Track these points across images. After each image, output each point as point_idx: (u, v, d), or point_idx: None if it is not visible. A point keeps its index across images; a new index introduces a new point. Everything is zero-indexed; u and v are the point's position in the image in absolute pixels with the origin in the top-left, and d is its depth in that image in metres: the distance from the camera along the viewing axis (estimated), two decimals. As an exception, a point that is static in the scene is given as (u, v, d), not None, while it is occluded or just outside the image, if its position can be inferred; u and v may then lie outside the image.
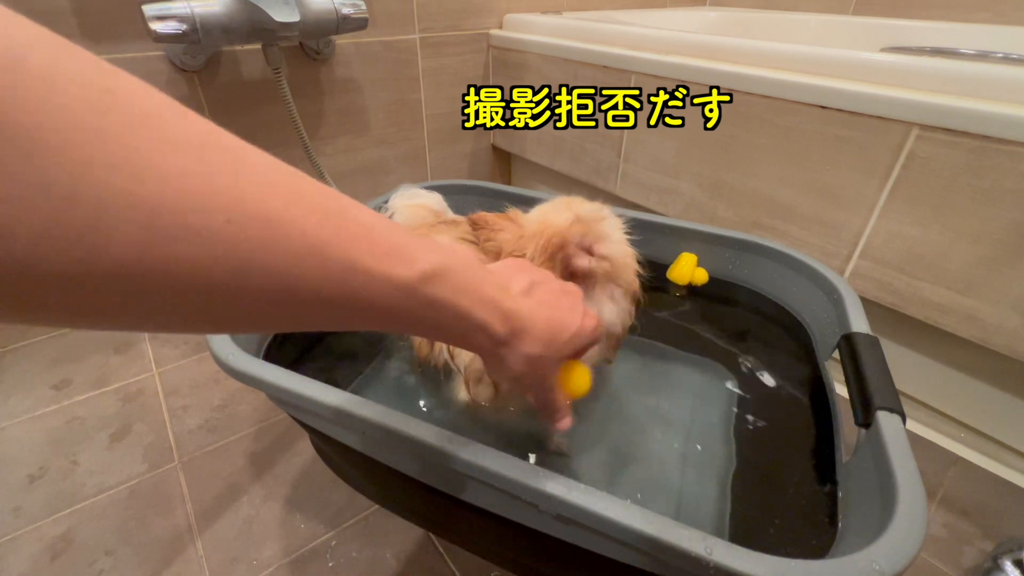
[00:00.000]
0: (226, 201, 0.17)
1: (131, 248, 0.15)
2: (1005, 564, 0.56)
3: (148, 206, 0.15)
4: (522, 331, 0.29)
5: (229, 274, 0.17)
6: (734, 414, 0.54)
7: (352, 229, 0.21)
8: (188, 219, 0.16)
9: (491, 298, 0.27)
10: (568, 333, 0.32)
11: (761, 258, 0.64)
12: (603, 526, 0.31)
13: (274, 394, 0.43)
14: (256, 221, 0.18)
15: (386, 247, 0.22)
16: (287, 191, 0.19)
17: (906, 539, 0.29)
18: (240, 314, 0.19)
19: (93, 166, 0.14)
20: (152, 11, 0.70)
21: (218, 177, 0.17)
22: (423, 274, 0.23)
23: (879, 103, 0.64)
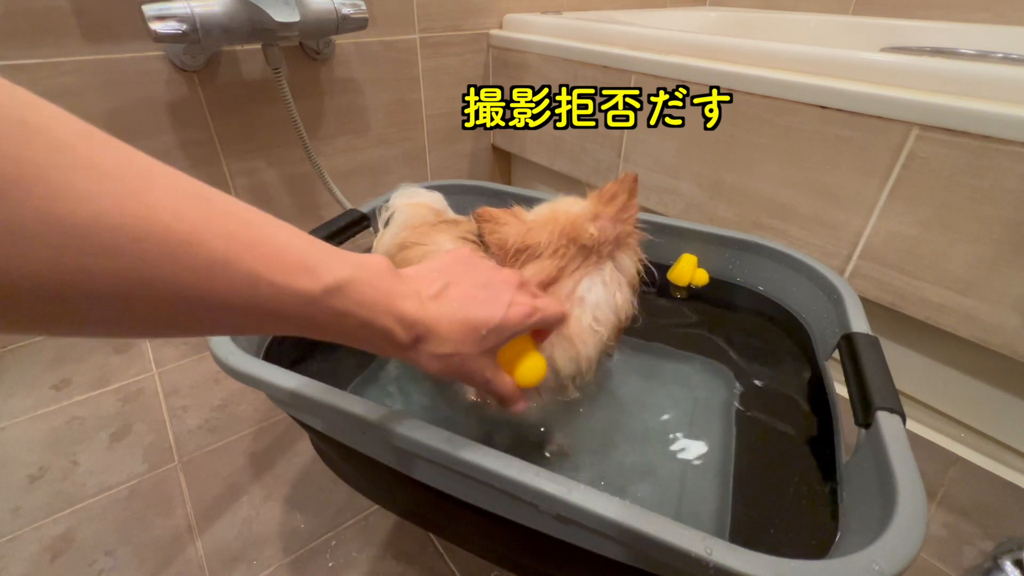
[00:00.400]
0: (135, 221, 0.19)
1: (44, 261, 0.17)
2: (1005, 564, 0.56)
3: (62, 225, 0.17)
4: (427, 335, 0.31)
5: (139, 286, 0.19)
6: (734, 414, 0.54)
7: (262, 246, 0.23)
8: (100, 237, 0.18)
9: (393, 308, 0.29)
10: (486, 327, 0.33)
11: (761, 258, 0.64)
12: (603, 526, 0.31)
13: (274, 394, 0.43)
14: (163, 239, 0.20)
15: (295, 262, 0.24)
16: (196, 212, 0.21)
17: (906, 539, 0.29)
18: (154, 320, 0.21)
19: (10, 190, 0.16)
20: (152, 11, 0.70)
21: (130, 199, 0.19)
22: (327, 287, 0.26)
23: (879, 103, 0.64)
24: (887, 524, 0.30)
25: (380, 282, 0.29)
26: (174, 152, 0.90)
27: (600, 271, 0.46)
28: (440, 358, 0.32)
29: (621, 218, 0.45)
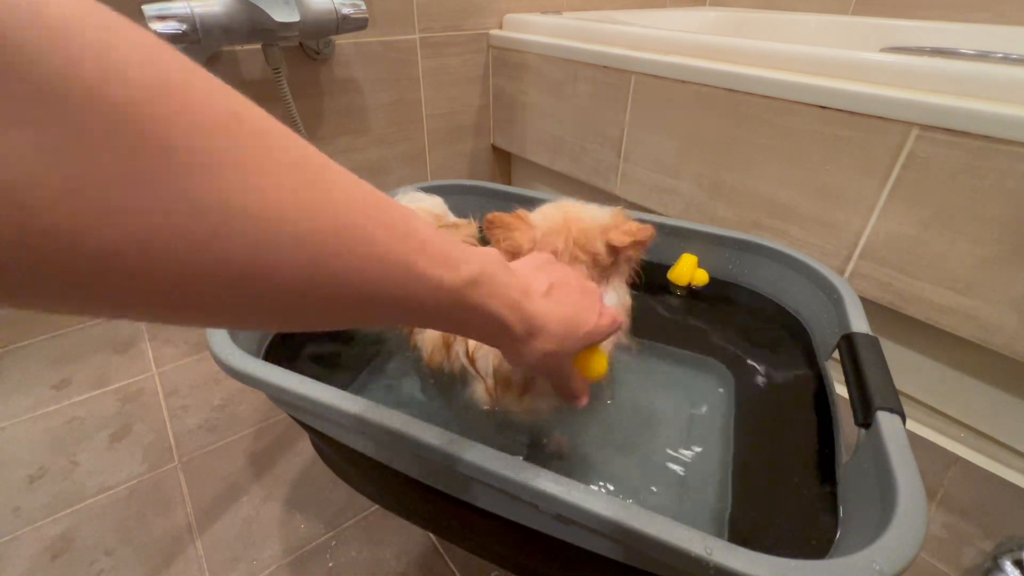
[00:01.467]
0: (317, 213, 0.19)
1: (244, 253, 0.17)
2: (1005, 564, 0.56)
3: (260, 217, 0.17)
4: (539, 330, 0.32)
5: (313, 279, 0.19)
6: (734, 414, 0.54)
7: (412, 237, 0.23)
8: (288, 228, 0.18)
9: (515, 301, 0.30)
10: (583, 331, 0.35)
11: (761, 258, 0.64)
12: (603, 526, 0.31)
13: (274, 394, 0.43)
14: (344, 232, 0.20)
15: (437, 253, 0.24)
16: (364, 204, 0.21)
17: (906, 539, 0.29)
18: (316, 313, 0.21)
19: (221, 181, 0.16)
20: (152, 11, 0.70)
21: (318, 190, 0.19)
22: (467, 279, 0.26)
23: (879, 103, 0.64)
24: (887, 524, 0.30)
25: (504, 276, 0.29)
26: (174, 152, 0.89)
27: (611, 286, 0.48)
28: (545, 355, 0.33)
29: (621, 252, 0.47)
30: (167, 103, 0.15)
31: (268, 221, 0.17)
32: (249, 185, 0.17)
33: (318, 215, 0.19)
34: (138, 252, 0.15)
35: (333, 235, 0.19)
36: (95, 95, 0.13)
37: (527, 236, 0.48)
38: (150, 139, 0.14)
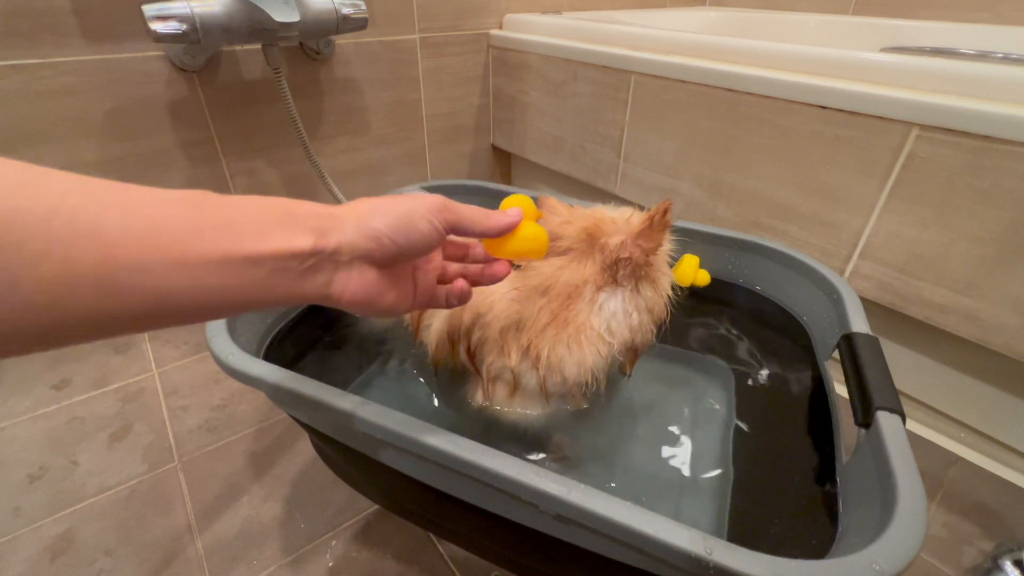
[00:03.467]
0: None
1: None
2: (1005, 564, 0.56)
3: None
4: (336, 223, 0.28)
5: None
6: (734, 414, 0.54)
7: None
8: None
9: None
10: (406, 201, 0.30)
11: (761, 258, 0.64)
12: (603, 526, 0.31)
13: (274, 394, 0.43)
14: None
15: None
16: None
17: (906, 539, 0.29)
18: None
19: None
20: (152, 11, 0.70)
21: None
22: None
23: (879, 103, 0.64)
24: (887, 524, 0.30)
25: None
26: (174, 152, 0.90)
27: (622, 290, 0.46)
28: (372, 237, 0.29)
29: (639, 243, 0.44)
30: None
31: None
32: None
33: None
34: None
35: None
36: None
37: (558, 221, 0.48)
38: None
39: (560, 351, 0.45)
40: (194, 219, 0.23)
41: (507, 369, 0.47)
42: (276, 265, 0.25)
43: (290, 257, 0.26)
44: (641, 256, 0.44)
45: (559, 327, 0.45)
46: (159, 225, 0.22)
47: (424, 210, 0.31)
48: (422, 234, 0.30)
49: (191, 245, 0.23)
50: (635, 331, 0.46)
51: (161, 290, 0.22)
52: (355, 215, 0.29)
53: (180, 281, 0.22)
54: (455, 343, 0.50)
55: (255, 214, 0.25)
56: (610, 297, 0.46)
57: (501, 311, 0.48)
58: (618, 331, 0.46)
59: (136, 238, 0.21)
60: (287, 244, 0.26)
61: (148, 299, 0.22)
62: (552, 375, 0.46)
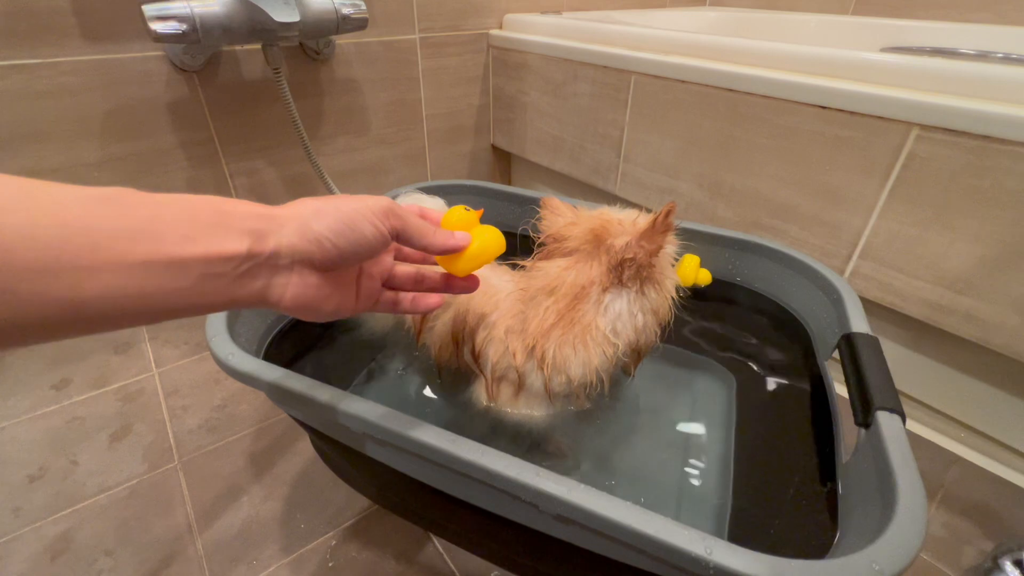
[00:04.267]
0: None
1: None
2: (1005, 564, 0.56)
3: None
4: (275, 225, 0.26)
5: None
6: (734, 414, 0.54)
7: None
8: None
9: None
10: (351, 203, 0.29)
11: (761, 258, 0.64)
12: (603, 526, 0.31)
13: (274, 394, 0.43)
14: None
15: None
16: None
17: (906, 539, 0.29)
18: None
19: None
20: (152, 11, 0.70)
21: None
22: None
23: (879, 103, 0.64)
24: (887, 524, 0.30)
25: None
26: (174, 152, 0.90)
27: (627, 291, 0.46)
28: (314, 240, 0.27)
29: (642, 244, 0.44)
30: None
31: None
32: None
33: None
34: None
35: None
36: None
37: (562, 222, 0.48)
38: None
39: (566, 351, 0.45)
40: (112, 219, 0.22)
41: (512, 369, 0.47)
42: (206, 270, 0.24)
43: (222, 261, 0.24)
44: (644, 257, 0.44)
45: (566, 327, 0.45)
46: (70, 226, 0.20)
47: (369, 213, 0.29)
48: (366, 238, 0.29)
49: (107, 249, 0.21)
50: (640, 332, 0.46)
51: (71, 298, 0.20)
52: (296, 217, 0.27)
53: (93, 288, 0.21)
54: (459, 344, 0.50)
55: (182, 215, 0.24)
56: (616, 298, 0.46)
57: (506, 311, 0.48)
58: (623, 332, 0.46)
59: (40, 241, 0.19)
60: (218, 248, 0.24)
61: (54, 308, 0.20)
62: (557, 375, 0.46)
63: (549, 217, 0.50)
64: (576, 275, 0.46)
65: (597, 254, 0.46)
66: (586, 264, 0.46)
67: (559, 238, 0.48)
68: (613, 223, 0.46)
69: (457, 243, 0.34)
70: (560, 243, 0.48)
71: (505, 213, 0.76)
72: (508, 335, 0.47)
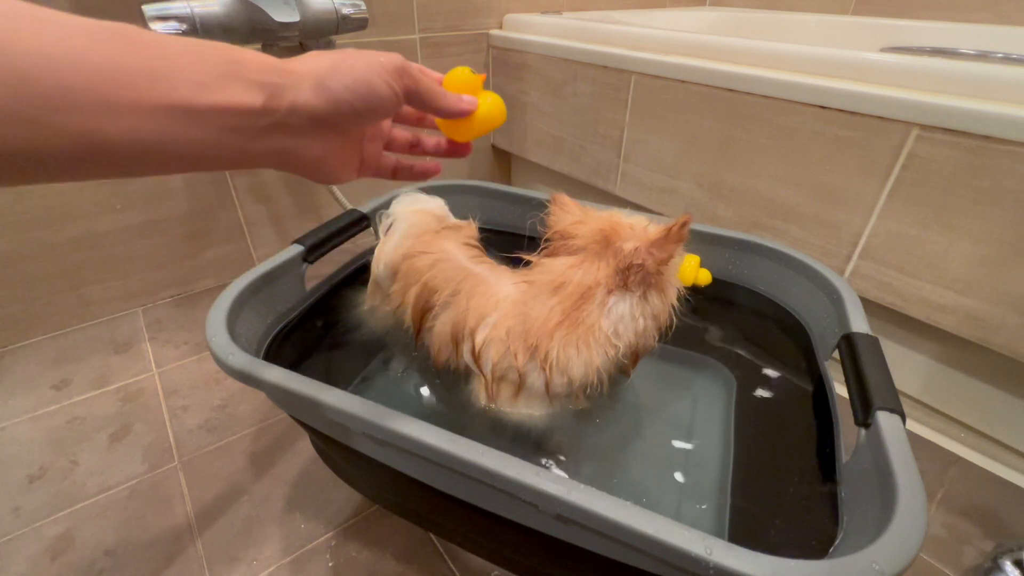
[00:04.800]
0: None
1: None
2: (1005, 564, 0.56)
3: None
4: (291, 80, 0.25)
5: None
6: (734, 414, 0.54)
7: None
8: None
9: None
10: (364, 59, 0.27)
11: (761, 258, 0.64)
12: (603, 526, 0.31)
13: (274, 394, 0.43)
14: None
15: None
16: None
17: (906, 539, 0.29)
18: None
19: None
20: (152, 11, 0.70)
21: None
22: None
23: (879, 103, 0.64)
24: (887, 524, 0.30)
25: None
26: (174, 152, 0.89)
27: (631, 295, 0.46)
28: (332, 101, 0.26)
29: (652, 252, 0.44)
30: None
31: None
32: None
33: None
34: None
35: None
36: None
37: (570, 219, 0.48)
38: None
39: (569, 352, 0.45)
40: (126, 58, 0.20)
41: (512, 369, 0.47)
42: (222, 122, 0.23)
43: (238, 114, 0.23)
44: (653, 264, 0.44)
45: (570, 327, 0.45)
46: (87, 60, 0.19)
47: (383, 71, 0.27)
48: (381, 99, 0.27)
49: (127, 88, 0.20)
50: (640, 336, 0.47)
51: (94, 134, 0.19)
52: (311, 73, 0.26)
53: (116, 128, 0.20)
54: (459, 344, 0.50)
55: (195, 60, 0.22)
56: (619, 301, 0.46)
57: (507, 312, 0.48)
58: (624, 335, 0.46)
59: (62, 73, 0.18)
60: (233, 98, 0.23)
61: (80, 143, 0.19)
62: (559, 376, 0.46)
63: (558, 213, 0.50)
64: (583, 274, 0.46)
65: (604, 256, 0.46)
66: (593, 264, 0.46)
67: (566, 236, 0.48)
68: (623, 226, 0.46)
69: (467, 107, 0.32)
70: (567, 241, 0.48)
71: (505, 213, 0.76)
72: (509, 335, 0.47)
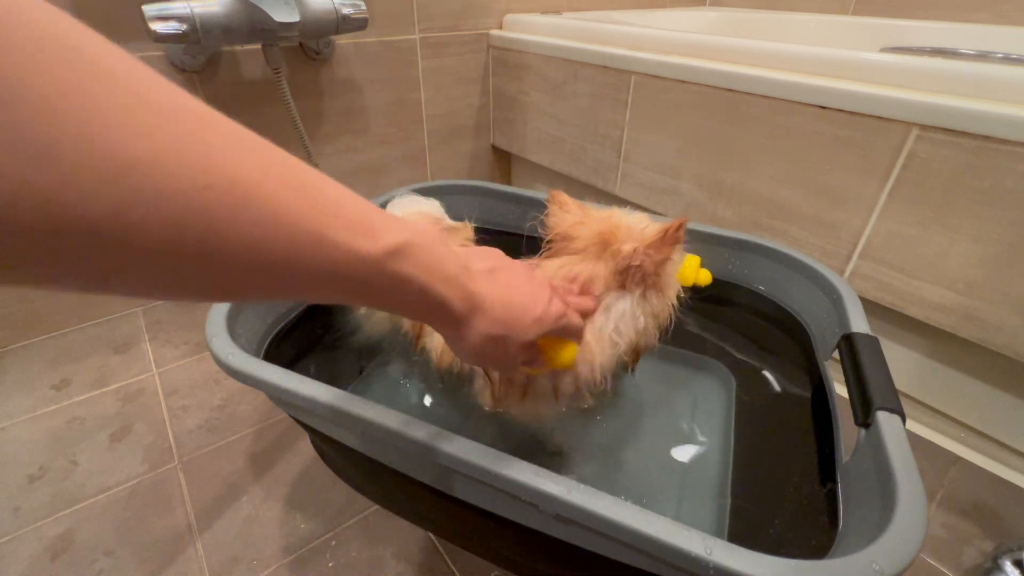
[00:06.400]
0: (199, 165, 0.17)
1: (105, 206, 0.15)
2: (1005, 564, 0.56)
3: (120, 165, 0.15)
4: (480, 309, 0.30)
5: (199, 240, 0.17)
6: (734, 414, 0.54)
7: (322, 201, 0.22)
8: (162, 181, 0.16)
9: (453, 276, 0.28)
10: (531, 316, 0.33)
11: (761, 258, 0.64)
12: (603, 526, 0.31)
13: (274, 394, 0.43)
14: (228, 188, 0.18)
15: (354, 220, 0.23)
16: (259, 161, 0.19)
17: (906, 539, 0.29)
18: (209, 281, 0.19)
19: (65, 120, 0.14)
20: (152, 11, 0.70)
21: (191, 139, 0.17)
22: (388, 249, 0.24)
23: (879, 103, 0.64)
24: (887, 524, 0.30)
25: (438, 249, 0.28)
26: (174, 152, 0.89)
27: (631, 294, 0.46)
28: (489, 338, 0.31)
29: (649, 253, 0.44)
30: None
31: (125, 169, 0.15)
32: (100, 128, 0.15)
33: (185, 165, 0.17)
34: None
35: (207, 189, 0.17)
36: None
37: (571, 220, 0.48)
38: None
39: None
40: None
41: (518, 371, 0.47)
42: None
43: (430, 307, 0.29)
44: (651, 265, 0.44)
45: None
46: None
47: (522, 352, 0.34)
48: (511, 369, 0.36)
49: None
50: (640, 334, 0.47)
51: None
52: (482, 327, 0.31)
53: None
54: None
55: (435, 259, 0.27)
56: (619, 299, 0.46)
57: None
58: (625, 332, 0.46)
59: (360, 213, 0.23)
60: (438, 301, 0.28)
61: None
62: (563, 374, 0.46)
63: (556, 212, 0.50)
64: (574, 271, 0.46)
65: (603, 257, 0.46)
66: (591, 264, 0.46)
67: (566, 237, 0.48)
68: (621, 228, 0.46)
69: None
70: (567, 242, 0.48)
71: (505, 213, 0.76)
72: None
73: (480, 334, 0.31)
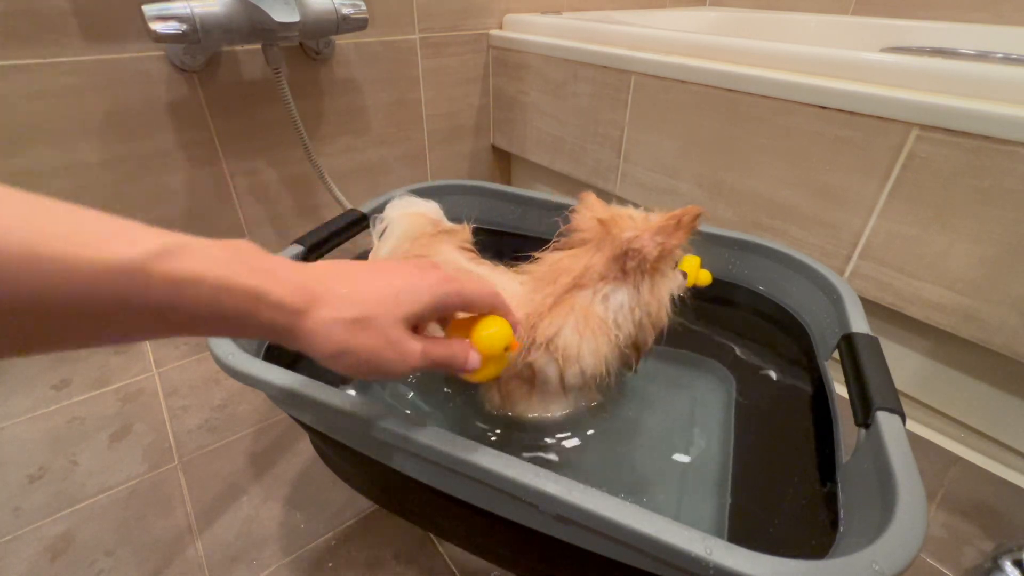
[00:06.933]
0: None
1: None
2: (1005, 564, 0.56)
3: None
4: (322, 298, 0.26)
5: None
6: (734, 414, 0.54)
7: (64, 224, 0.19)
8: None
9: (268, 268, 0.24)
10: (394, 288, 0.28)
11: (761, 258, 0.64)
12: (603, 526, 0.31)
13: (274, 394, 0.43)
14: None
15: (107, 232, 0.20)
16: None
17: (906, 539, 0.29)
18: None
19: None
20: (152, 11, 0.70)
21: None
22: (153, 251, 0.20)
23: (879, 103, 0.64)
24: (887, 524, 0.30)
25: (238, 244, 0.24)
26: (174, 152, 0.90)
27: (626, 286, 0.46)
28: (347, 324, 0.26)
29: (657, 239, 0.44)
30: None
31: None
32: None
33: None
34: None
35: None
36: None
37: (587, 216, 0.48)
38: None
39: (566, 334, 0.45)
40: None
41: (525, 365, 0.47)
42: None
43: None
44: (652, 250, 0.44)
45: (565, 313, 0.45)
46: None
47: (397, 353, 0.28)
48: (390, 373, 0.29)
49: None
50: (638, 328, 0.47)
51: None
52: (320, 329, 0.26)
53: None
54: None
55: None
56: (615, 290, 0.46)
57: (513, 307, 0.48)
58: (624, 324, 0.46)
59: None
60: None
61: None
62: (571, 366, 0.45)
63: (580, 211, 0.50)
64: (572, 261, 0.47)
65: (603, 246, 0.46)
66: (587, 252, 0.46)
67: (573, 229, 0.49)
68: (623, 216, 0.47)
69: (469, 368, 0.33)
70: (576, 234, 0.49)
71: (505, 213, 0.76)
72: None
73: (333, 322, 0.26)
